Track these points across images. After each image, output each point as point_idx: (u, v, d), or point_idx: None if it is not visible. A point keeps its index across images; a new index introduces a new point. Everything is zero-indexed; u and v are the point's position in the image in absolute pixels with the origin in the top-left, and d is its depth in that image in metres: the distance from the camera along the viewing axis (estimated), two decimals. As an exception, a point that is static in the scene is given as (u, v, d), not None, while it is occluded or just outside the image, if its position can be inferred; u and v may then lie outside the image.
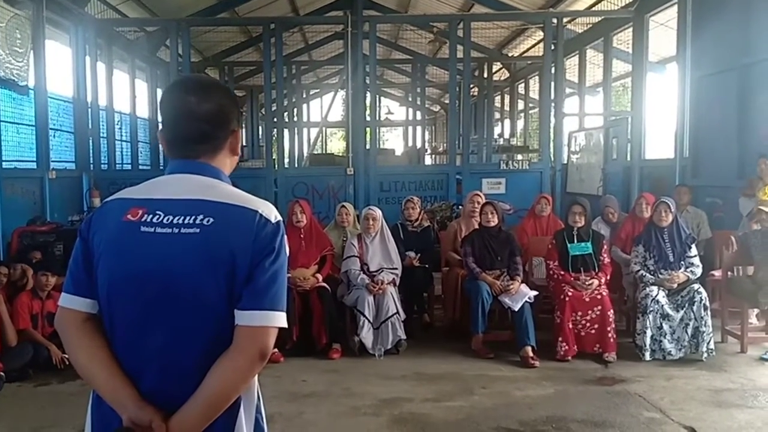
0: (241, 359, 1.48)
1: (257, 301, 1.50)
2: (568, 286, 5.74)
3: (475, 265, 5.94)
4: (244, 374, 1.50)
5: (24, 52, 7.67)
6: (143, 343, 1.53)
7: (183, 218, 1.52)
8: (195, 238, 1.50)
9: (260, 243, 1.51)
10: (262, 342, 1.49)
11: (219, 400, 1.49)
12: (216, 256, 1.49)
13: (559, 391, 4.93)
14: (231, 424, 1.55)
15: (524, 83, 16.20)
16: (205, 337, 1.51)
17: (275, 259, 1.53)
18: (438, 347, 5.95)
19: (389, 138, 34.08)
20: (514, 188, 9.93)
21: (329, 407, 4.58)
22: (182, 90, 1.65)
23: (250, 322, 1.49)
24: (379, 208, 6.38)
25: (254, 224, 1.52)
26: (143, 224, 1.53)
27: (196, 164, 1.62)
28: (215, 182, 1.61)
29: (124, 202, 1.60)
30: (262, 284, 1.50)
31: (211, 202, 1.54)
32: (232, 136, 1.67)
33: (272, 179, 9.67)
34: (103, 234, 1.57)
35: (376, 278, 5.82)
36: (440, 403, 4.65)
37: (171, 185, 1.61)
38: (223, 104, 1.63)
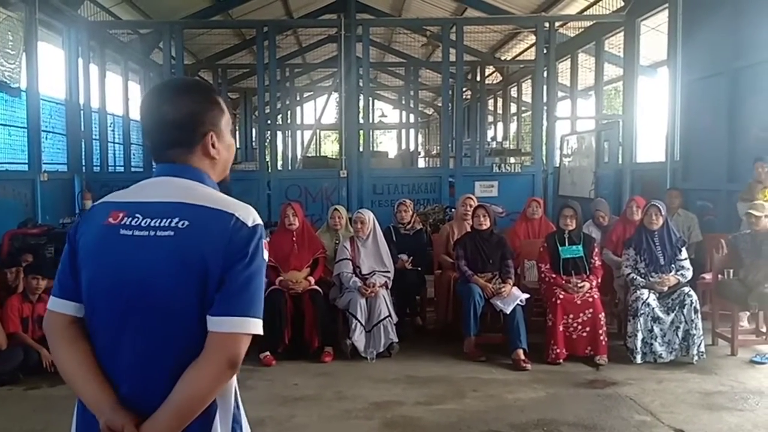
0: (210, 367, 1.46)
1: (228, 306, 1.46)
2: (559, 289, 5.76)
3: (467, 268, 5.95)
4: (213, 382, 1.47)
5: (16, 54, 7.65)
6: (121, 347, 1.52)
7: (159, 221, 1.51)
8: (168, 241, 1.49)
9: (233, 247, 1.48)
10: (231, 350, 1.46)
11: (189, 407, 1.47)
12: (188, 259, 1.48)
13: (551, 394, 4.94)
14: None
15: (517, 86, 16.26)
16: (178, 344, 1.49)
17: (249, 263, 1.49)
18: (430, 350, 5.95)
19: (383, 141, 34.10)
20: (506, 191, 9.97)
21: (320, 411, 4.58)
22: (154, 96, 1.65)
23: (220, 328, 1.46)
24: (370, 211, 6.38)
25: (229, 228, 1.49)
26: (122, 227, 1.53)
27: (178, 167, 1.62)
28: (195, 185, 1.60)
29: (108, 205, 1.60)
30: (233, 289, 1.47)
31: (189, 204, 1.53)
32: (203, 140, 1.63)
33: (265, 182, 9.68)
34: (86, 237, 1.58)
35: (368, 281, 5.82)
36: (432, 407, 4.65)
37: (153, 188, 1.61)
38: (194, 109, 1.61)
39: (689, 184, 8.26)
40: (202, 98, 1.65)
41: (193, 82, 1.75)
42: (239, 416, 1.60)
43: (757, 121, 7.19)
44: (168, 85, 1.74)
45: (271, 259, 5.83)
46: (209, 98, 1.67)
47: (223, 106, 1.69)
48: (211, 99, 1.67)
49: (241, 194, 7.56)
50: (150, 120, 1.62)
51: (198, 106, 1.63)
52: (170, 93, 1.64)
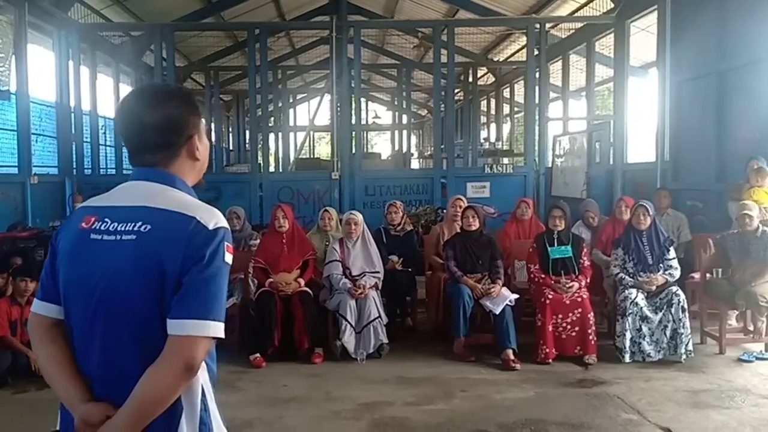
0: (166, 370, 1.47)
1: (185, 309, 1.48)
2: (548, 289, 5.78)
3: (456, 269, 5.97)
4: (170, 385, 1.48)
5: (5, 57, 7.66)
6: (92, 349, 1.56)
7: (125, 225, 1.54)
8: (131, 246, 1.52)
9: (191, 250, 1.50)
10: (187, 353, 1.46)
11: (146, 409, 1.48)
12: (147, 263, 1.50)
13: (539, 393, 4.96)
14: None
15: (510, 87, 16.30)
16: (141, 346, 1.51)
17: (206, 266, 1.50)
18: (420, 351, 5.96)
19: (378, 142, 34.10)
20: (498, 192, 10.00)
21: (309, 412, 4.59)
22: (132, 101, 1.66)
23: (177, 331, 1.47)
24: (361, 213, 6.40)
25: (188, 231, 1.51)
26: (93, 231, 1.57)
27: (150, 171, 1.64)
28: (165, 189, 1.62)
29: (84, 210, 1.64)
30: (190, 292, 1.49)
31: (153, 209, 1.55)
32: (188, 143, 1.67)
33: (257, 184, 9.68)
34: (64, 241, 1.62)
35: (358, 282, 5.83)
36: (420, 407, 4.67)
37: (124, 192, 1.64)
38: (173, 113, 1.63)
39: (679, 184, 8.30)
40: (184, 102, 1.68)
41: (174, 87, 1.78)
42: (207, 419, 1.60)
43: (745, 122, 7.23)
44: (149, 89, 1.75)
45: (261, 261, 5.86)
46: (191, 102, 1.71)
47: (200, 110, 1.73)
48: (193, 103, 1.71)
49: (233, 196, 7.65)
50: (131, 124, 1.64)
51: (182, 109, 1.66)
52: (152, 97, 1.66)
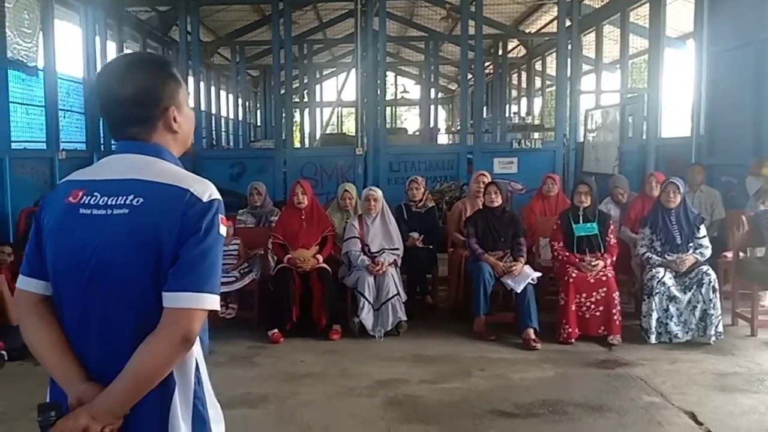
0: (162, 342, 1.46)
1: (182, 282, 1.47)
2: (572, 267, 5.64)
3: (477, 246, 5.86)
4: (165, 358, 1.47)
5: (32, 33, 7.68)
6: (85, 325, 1.54)
7: (116, 199, 1.52)
8: (123, 219, 1.50)
9: (187, 222, 1.49)
10: (184, 325, 1.46)
11: (141, 382, 1.47)
12: (142, 236, 1.48)
13: (559, 374, 4.86)
14: (164, 409, 1.53)
15: (541, 60, 15.93)
16: (137, 320, 1.50)
17: (203, 238, 1.49)
18: (439, 329, 5.90)
19: (408, 117, 33.87)
20: (526, 167, 9.79)
21: (324, 388, 4.56)
22: (105, 75, 1.62)
23: (173, 303, 1.47)
24: (384, 189, 6.32)
25: (183, 203, 1.50)
26: (81, 206, 1.54)
27: (134, 144, 1.61)
28: (154, 161, 1.59)
29: (70, 183, 1.62)
30: (186, 264, 1.48)
31: (144, 181, 1.53)
32: (164, 115, 1.62)
33: (281, 159, 9.63)
34: (50, 216, 1.59)
35: (376, 259, 5.76)
36: (436, 385, 4.61)
37: (111, 165, 1.61)
38: (145, 85, 1.59)
39: (714, 159, 8.01)
40: (158, 72, 1.63)
41: (147, 56, 1.73)
42: (201, 393, 1.59)
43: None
44: (122, 61, 1.68)
45: (280, 237, 5.82)
46: (165, 71, 1.65)
47: (179, 79, 1.68)
48: (168, 72, 1.66)
49: (257, 172, 7.61)
50: (106, 98, 1.61)
51: (155, 80, 1.62)
52: (125, 69, 1.62)
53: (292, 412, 4.17)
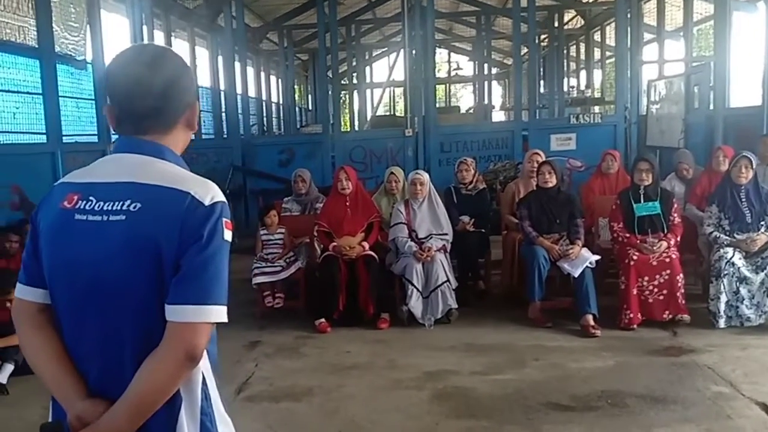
0: (165, 360, 1.36)
1: (184, 294, 1.36)
2: (633, 249, 5.32)
3: (531, 229, 5.59)
4: (169, 375, 1.37)
5: (79, 27, 7.75)
6: (84, 338, 1.44)
7: (111, 204, 1.41)
8: (120, 226, 1.39)
9: (188, 229, 1.37)
10: (188, 340, 1.35)
11: (147, 401, 1.38)
12: (140, 245, 1.37)
13: (620, 362, 4.58)
14: (171, 426, 1.43)
15: (600, 31, 15.31)
16: (139, 331, 1.40)
17: (205, 246, 1.37)
18: (493, 316, 5.67)
19: (463, 95, 33.35)
20: (585, 144, 9.41)
21: (370, 380, 4.42)
22: (132, 62, 1.48)
23: (176, 317, 1.36)
24: (435, 171, 6.11)
25: (183, 208, 1.38)
26: (77, 212, 1.43)
27: (138, 142, 1.49)
28: (153, 161, 1.47)
29: (65, 186, 1.50)
30: (189, 275, 1.36)
31: (142, 185, 1.42)
32: (189, 110, 1.54)
33: (329, 144, 9.50)
34: (45, 221, 1.48)
35: (424, 245, 5.57)
36: (488, 377, 4.40)
37: (107, 166, 1.52)
38: (179, 75, 1.50)
39: (788, 129, 7.47)
40: (182, 66, 1.53)
41: (165, 48, 1.60)
42: (208, 408, 1.49)
43: None
44: (150, 50, 1.56)
45: (324, 225, 5.70)
46: (187, 65, 1.56)
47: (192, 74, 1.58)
48: (188, 66, 1.56)
49: (306, 157, 7.51)
50: (126, 87, 1.47)
51: (183, 72, 1.52)
52: (155, 58, 1.50)
53: (336, 405, 4.05)
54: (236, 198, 9.27)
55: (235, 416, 3.97)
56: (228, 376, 4.44)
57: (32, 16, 6.81)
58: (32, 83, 6.90)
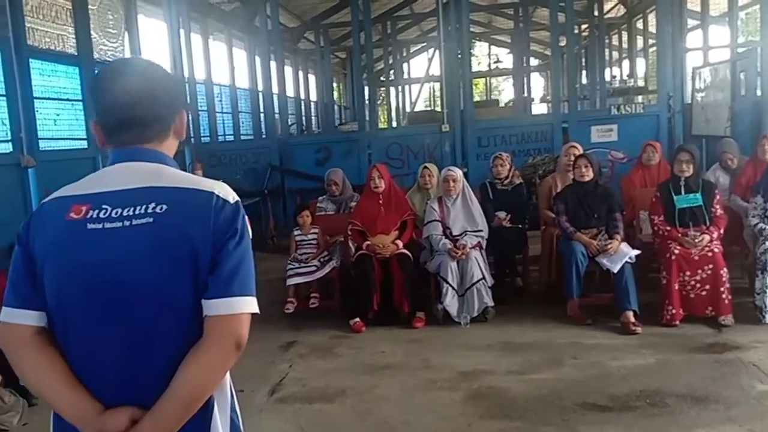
0: (215, 352, 1.39)
1: (225, 288, 1.40)
2: (674, 242, 5.17)
3: (568, 224, 5.48)
4: (219, 368, 1.42)
5: (118, 33, 7.89)
6: (101, 352, 1.41)
7: (133, 209, 1.41)
8: (149, 229, 1.39)
9: (221, 226, 1.42)
10: (236, 331, 1.40)
11: (193, 398, 1.39)
12: (174, 245, 1.39)
13: (660, 360, 4.45)
14: (206, 425, 1.45)
15: (642, 18, 14.90)
16: (171, 337, 1.40)
17: (240, 241, 1.43)
18: (530, 314, 5.57)
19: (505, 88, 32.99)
20: (627, 135, 9.16)
21: (404, 380, 4.39)
22: (119, 74, 1.53)
23: (222, 310, 1.39)
24: (469, 166, 6.03)
25: (212, 207, 1.42)
26: (89, 221, 1.41)
27: (139, 151, 1.51)
28: (161, 167, 1.50)
29: (63, 200, 1.47)
30: (228, 269, 1.40)
31: (162, 188, 1.44)
32: (177, 118, 1.58)
33: (366, 141, 9.48)
34: (44, 238, 1.44)
35: (458, 243, 5.50)
36: (524, 376, 4.33)
37: (115, 176, 1.50)
38: (164, 85, 1.54)
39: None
40: (171, 75, 1.59)
41: (153, 62, 1.60)
42: (234, 404, 1.56)
43: None
44: (137, 62, 1.61)
45: (358, 223, 5.68)
46: (175, 78, 1.56)
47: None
48: (176, 76, 1.55)
49: (342, 156, 7.51)
50: (120, 97, 1.49)
51: (170, 82, 1.57)
52: (143, 70, 1.54)
53: (369, 406, 4.03)
54: (274, 197, 9.35)
55: (267, 418, 4.01)
56: (262, 377, 4.48)
57: (71, 24, 6.96)
58: (72, 90, 7.04)
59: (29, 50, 6.30)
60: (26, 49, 6.22)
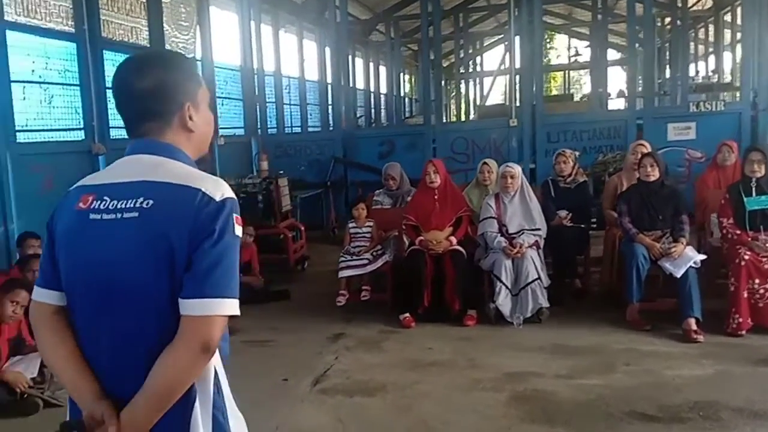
0: (182, 353, 1.39)
1: (198, 288, 1.39)
2: (744, 247, 4.90)
3: (631, 225, 5.27)
4: (186, 368, 1.41)
5: (189, 26, 8.10)
6: (98, 337, 1.49)
7: (125, 202, 1.45)
8: (134, 223, 1.43)
9: (200, 224, 1.40)
10: (204, 333, 1.38)
11: (165, 394, 1.41)
12: (153, 241, 1.41)
13: (720, 371, 4.23)
14: (185, 420, 1.46)
15: (731, 11, 14.17)
16: (152, 328, 1.43)
17: (217, 240, 1.41)
18: (587, 317, 5.39)
19: (586, 82, 32.08)
20: (706, 133, 8.75)
21: (448, 379, 4.32)
22: (122, 69, 1.57)
23: (192, 311, 1.39)
24: (537, 162, 5.89)
25: (194, 204, 1.41)
26: (92, 212, 1.48)
27: (146, 143, 1.54)
28: (164, 161, 1.51)
29: (80, 189, 1.55)
30: (202, 269, 1.39)
31: (153, 182, 1.46)
32: (180, 111, 1.55)
33: (431, 135, 9.40)
34: (61, 225, 1.54)
35: (514, 241, 5.38)
36: (572, 381, 4.19)
37: (122, 168, 1.55)
38: (163, 78, 1.53)
39: None
40: (176, 68, 1.58)
41: (166, 52, 1.70)
42: (220, 402, 1.52)
43: None
44: (140, 56, 1.64)
45: (412, 218, 5.64)
46: (184, 68, 1.59)
47: (200, 78, 1.61)
48: (186, 69, 1.60)
49: (406, 149, 7.48)
50: (122, 92, 1.56)
51: (172, 75, 1.56)
52: (142, 63, 1.57)
53: (409, 402, 3.99)
54: (337, 189, 9.42)
55: (307, 407, 4.03)
56: (308, 368, 4.53)
57: (144, 16, 7.20)
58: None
59: (103, 42, 6.57)
60: (100, 41, 6.49)
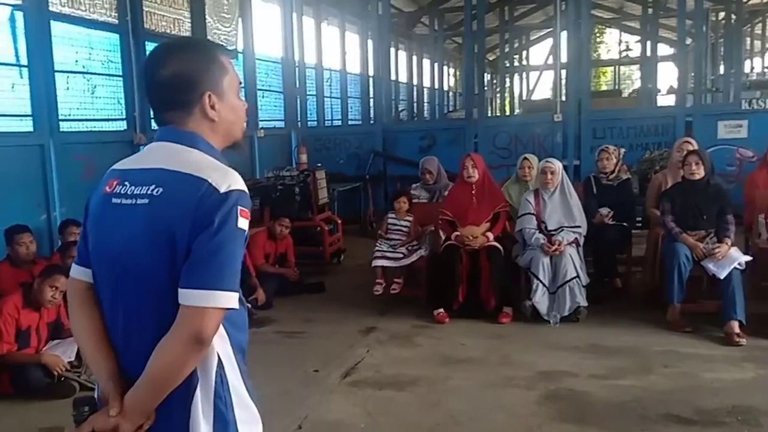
0: (174, 342, 1.41)
1: (194, 278, 1.40)
2: (791, 249, 4.72)
3: (674, 225, 5.12)
4: (178, 357, 1.41)
5: (231, 18, 8.17)
6: (116, 318, 1.53)
7: (141, 188, 1.48)
8: (144, 210, 1.45)
9: (201, 214, 1.41)
10: (196, 324, 1.39)
11: (160, 381, 1.43)
12: (158, 228, 1.43)
13: (762, 375, 4.09)
14: (186, 408, 1.48)
15: (791, 4, 13.66)
16: (155, 317, 1.46)
17: (216, 232, 1.40)
18: (626, 317, 5.26)
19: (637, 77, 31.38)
20: (758, 131, 8.48)
21: (479, 375, 4.27)
22: (148, 59, 1.60)
23: (186, 301, 1.40)
24: (582, 158, 5.78)
25: (198, 194, 1.41)
26: (114, 196, 1.52)
27: (169, 131, 1.57)
28: (183, 149, 1.53)
29: (111, 173, 1.59)
30: (200, 260, 1.40)
31: (167, 171, 1.48)
32: (200, 100, 1.54)
33: (473, 130, 9.31)
34: (92, 206, 1.59)
35: (553, 238, 5.28)
36: (607, 381, 4.10)
37: (146, 155, 1.59)
38: (184, 68, 1.54)
39: None
40: (200, 57, 1.58)
41: (193, 40, 1.70)
42: (223, 392, 1.51)
43: None
44: (164, 45, 1.65)
45: (448, 213, 5.59)
46: (207, 57, 1.58)
47: (225, 65, 1.60)
48: (210, 57, 1.59)
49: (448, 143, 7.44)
50: (147, 81, 1.59)
51: (195, 64, 1.56)
52: (166, 52, 1.59)
53: (438, 398, 3.96)
54: (375, 183, 9.39)
55: (336, 399, 4.04)
56: (339, 360, 4.53)
57: (187, 8, 7.28)
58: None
59: (146, 33, 6.67)
60: (143, 32, 6.59)
